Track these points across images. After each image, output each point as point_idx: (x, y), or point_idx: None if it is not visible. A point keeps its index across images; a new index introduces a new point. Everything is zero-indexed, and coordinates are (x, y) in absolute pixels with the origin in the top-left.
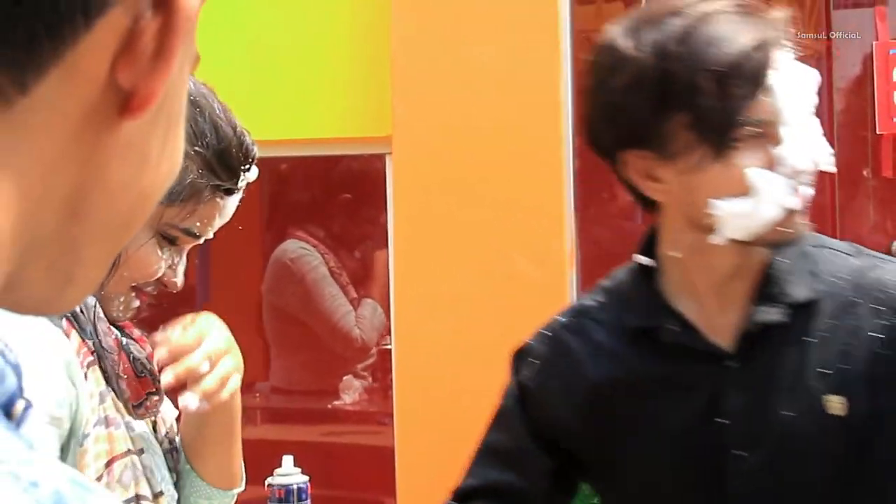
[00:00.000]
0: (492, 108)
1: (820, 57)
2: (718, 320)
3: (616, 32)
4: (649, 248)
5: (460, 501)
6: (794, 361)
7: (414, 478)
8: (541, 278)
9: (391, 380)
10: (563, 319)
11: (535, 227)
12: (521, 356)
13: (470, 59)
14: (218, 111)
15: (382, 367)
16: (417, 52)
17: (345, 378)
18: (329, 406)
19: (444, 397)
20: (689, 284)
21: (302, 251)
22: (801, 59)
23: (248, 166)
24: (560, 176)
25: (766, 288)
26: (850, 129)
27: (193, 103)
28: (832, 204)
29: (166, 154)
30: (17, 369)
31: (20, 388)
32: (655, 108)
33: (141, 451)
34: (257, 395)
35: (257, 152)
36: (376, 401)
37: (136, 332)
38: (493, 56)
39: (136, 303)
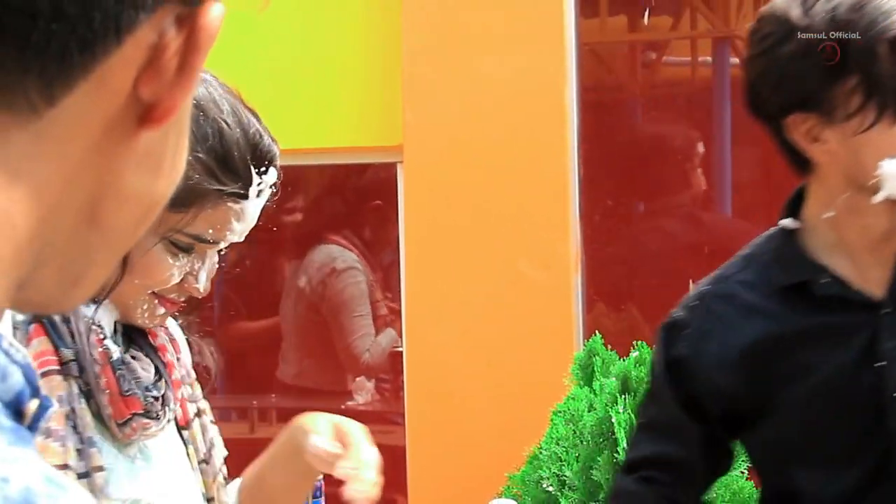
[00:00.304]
0: (499, 117)
1: None
2: (870, 274)
3: (783, 3)
4: (792, 212)
5: (628, 472)
6: None
7: (425, 476)
8: (547, 282)
9: (402, 381)
10: (708, 287)
11: (541, 232)
12: (670, 330)
13: (478, 70)
14: (226, 114)
15: (394, 369)
16: (427, 65)
17: (357, 379)
18: (342, 406)
19: (453, 398)
20: (842, 243)
21: (352, 263)
22: None
23: (263, 169)
24: (566, 184)
25: None
26: None
27: (197, 106)
28: None
29: (176, 161)
30: (26, 368)
31: (34, 388)
32: (828, 73)
33: (100, 469)
34: (273, 395)
35: (277, 154)
36: (388, 401)
37: (161, 340)
38: (500, 68)
39: (161, 310)
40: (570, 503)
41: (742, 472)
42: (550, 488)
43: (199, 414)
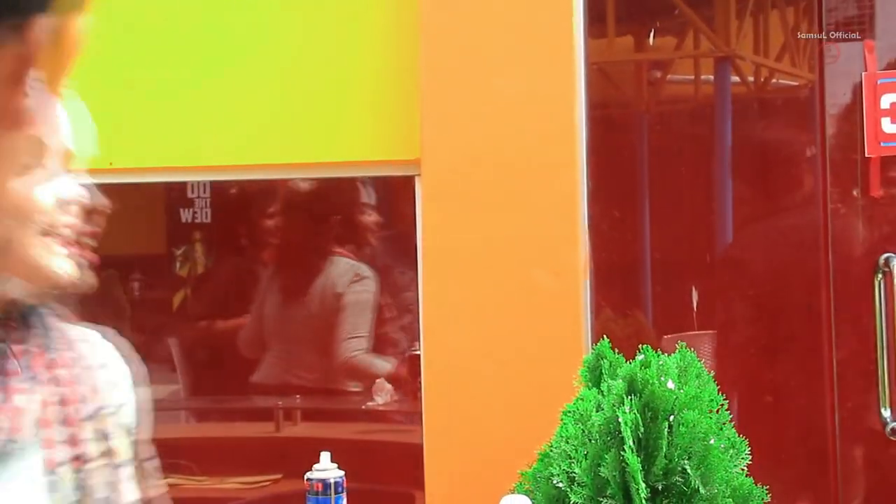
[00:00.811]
0: (512, 132)
1: (813, 86)
2: None
3: None
4: None
5: None
6: None
7: (440, 473)
8: (557, 288)
9: (420, 383)
10: None
11: (552, 241)
12: None
13: (492, 88)
14: None
15: (412, 371)
16: (444, 82)
17: (377, 381)
18: (363, 407)
19: (468, 399)
20: None
21: (372, 275)
22: (794, 91)
23: None
24: (575, 195)
25: None
26: (842, 152)
27: None
28: (825, 220)
29: None
30: None
31: None
32: None
33: None
34: (298, 396)
35: None
36: (406, 402)
37: (71, 355)
38: (513, 85)
39: (62, 251)
40: (579, 498)
41: (742, 469)
42: (560, 484)
43: (100, 456)
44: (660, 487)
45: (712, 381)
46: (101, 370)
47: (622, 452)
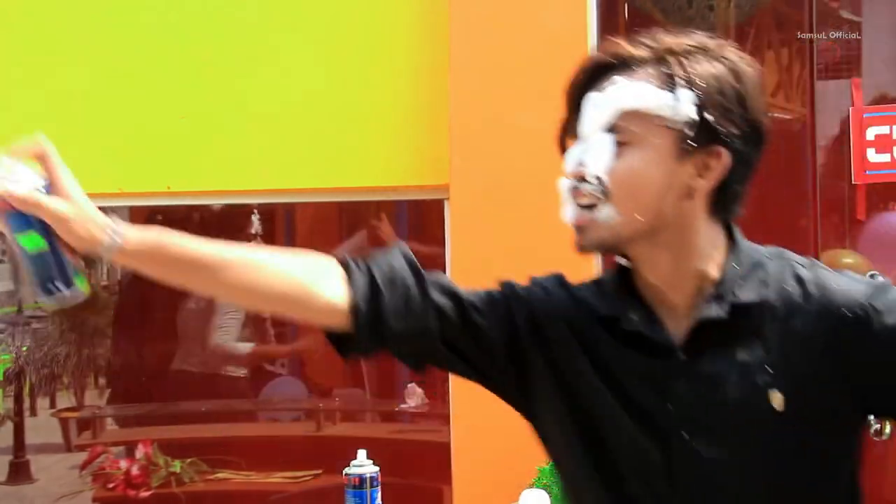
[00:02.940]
0: (533, 159)
1: (805, 121)
2: (676, 318)
3: None
4: None
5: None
6: (741, 357)
7: (467, 469)
8: None
9: (448, 387)
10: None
11: (570, 260)
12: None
13: (515, 118)
14: None
15: (441, 377)
16: (471, 114)
17: (409, 385)
18: (396, 409)
19: (492, 402)
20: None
21: None
22: (788, 124)
23: None
24: None
25: (716, 289)
26: (831, 180)
27: None
28: (815, 242)
29: None
30: None
31: None
32: None
33: None
34: (336, 398)
35: None
36: (436, 405)
37: None
38: (534, 115)
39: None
40: None
41: None
42: None
43: None
44: None
45: None
46: None
47: None
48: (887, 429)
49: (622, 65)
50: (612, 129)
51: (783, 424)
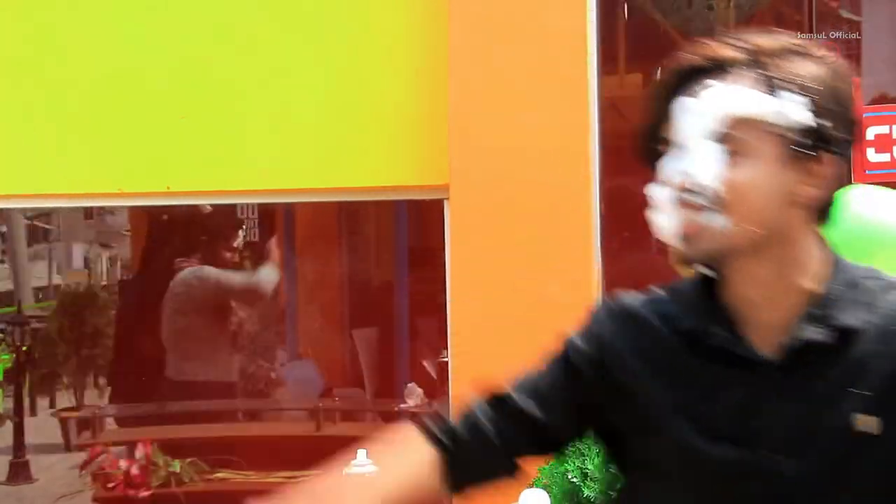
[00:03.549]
0: (532, 160)
1: None
2: (766, 331)
3: None
4: None
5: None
6: (837, 379)
7: None
8: (572, 301)
9: (448, 388)
10: (631, 303)
11: (568, 258)
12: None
13: (514, 120)
14: None
15: (441, 377)
16: (470, 116)
17: (408, 385)
18: (396, 409)
19: None
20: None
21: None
22: None
23: None
24: (588, 217)
25: (817, 308)
26: None
27: None
28: None
29: None
30: None
31: None
32: None
33: None
34: (336, 398)
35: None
36: (435, 404)
37: None
38: (533, 117)
39: None
40: (592, 492)
41: None
42: (574, 479)
43: None
44: None
45: None
46: None
47: None
48: None
49: (715, 67)
50: (719, 136)
51: (873, 448)
